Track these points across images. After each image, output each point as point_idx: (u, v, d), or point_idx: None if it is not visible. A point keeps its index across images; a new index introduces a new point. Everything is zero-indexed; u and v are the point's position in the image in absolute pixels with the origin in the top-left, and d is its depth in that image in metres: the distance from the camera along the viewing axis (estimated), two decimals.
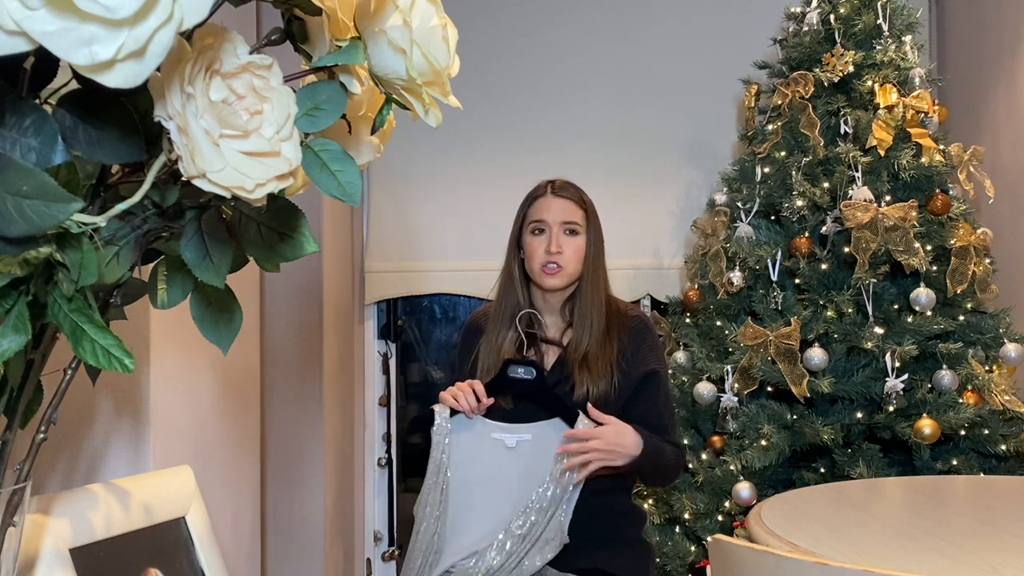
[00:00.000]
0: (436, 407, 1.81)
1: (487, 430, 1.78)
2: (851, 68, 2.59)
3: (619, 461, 1.75)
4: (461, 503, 1.78)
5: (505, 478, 1.76)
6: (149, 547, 0.97)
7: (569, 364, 1.85)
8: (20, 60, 0.52)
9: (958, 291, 2.45)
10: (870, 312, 2.45)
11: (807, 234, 2.56)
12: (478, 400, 1.78)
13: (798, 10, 2.78)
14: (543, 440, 1.76)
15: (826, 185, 2.56)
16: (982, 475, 2.31)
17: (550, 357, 1.92)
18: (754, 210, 2.68)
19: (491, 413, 1.82)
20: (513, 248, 1.95)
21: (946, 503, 1.70)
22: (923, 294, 2.41)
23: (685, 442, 2.63)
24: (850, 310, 2.45)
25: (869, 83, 2.60)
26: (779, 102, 2.71)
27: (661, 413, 1.87)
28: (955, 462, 2.37)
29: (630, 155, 3.18)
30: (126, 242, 0.60)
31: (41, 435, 0.67)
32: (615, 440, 1.74)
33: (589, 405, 1.76)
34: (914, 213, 2.43)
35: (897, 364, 2.34)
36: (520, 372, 1.80)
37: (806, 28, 2.71)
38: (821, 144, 2.57)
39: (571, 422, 1.75)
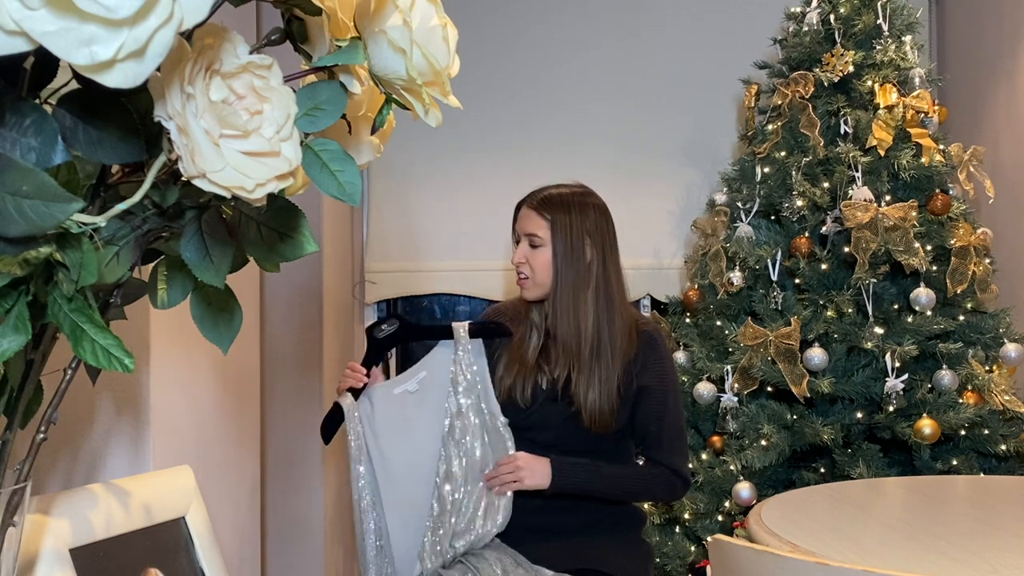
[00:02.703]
0: (338, 399, 1.81)
1: (389, 390, 1.80)
2: (851, 68, 2.59)
3: (537, 479, 1.75)
4: (398, 503, 1.77)
5: (422, 425, 1.78)
6: (149, 547, 0.97)
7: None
8: (20, 60, 0.52)
9: (958, 291, 2.45)
10: (870, 312, 2.44)
11: (807, 234, 2.56)
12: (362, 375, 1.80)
13: (798, 10, 2.78)
14: (437, 370, 1.79)
15: (826, 185, 2.55)
16: (982, 475, 2.31)
17: None
18: (754, 210, 2.68)
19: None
20: None
21: (946, 503, 1.70)
22: (923, 294, 2.41)
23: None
24: (850, 310, 2.45)
25: (869, 83, 2.60)
26: (779, 102, 2.71)
27: (659, 432, 1.82)
28: (955, 462, 2.36)
29: (630, 155, 3.18)
30: (126, 242, 0.60)
31: (41, 435, 0.67)
32: (529, 461, 1.75)
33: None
34: (914, 213, 2.43)
35: (897, 364, 2.34)
36: (384, 328, 1.81)
37: (806, 28, 2.71)
38: (821, 144, 2.57)
39: (450, 335, 1.80)
